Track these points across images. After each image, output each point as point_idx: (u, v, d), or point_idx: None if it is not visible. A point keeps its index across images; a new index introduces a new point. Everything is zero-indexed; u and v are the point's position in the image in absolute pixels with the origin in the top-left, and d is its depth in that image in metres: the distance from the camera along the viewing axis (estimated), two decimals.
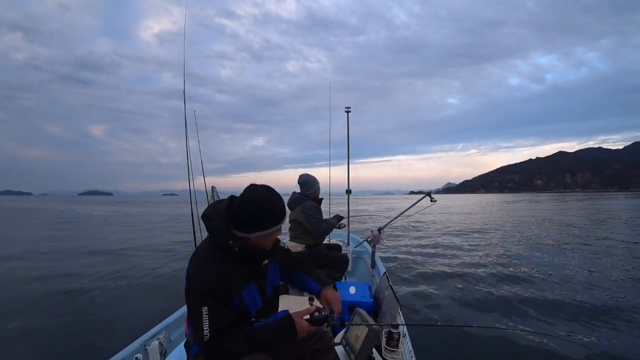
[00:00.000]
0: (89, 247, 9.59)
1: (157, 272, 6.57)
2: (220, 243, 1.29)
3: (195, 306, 1.21)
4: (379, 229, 3.76)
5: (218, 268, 1.26)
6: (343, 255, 3.49)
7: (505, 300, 4.61)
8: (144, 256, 8.25)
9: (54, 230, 14.86)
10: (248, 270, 1.36)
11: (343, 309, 2.58)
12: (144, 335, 1.99)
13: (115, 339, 3.31)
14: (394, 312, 2.18)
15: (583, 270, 6.19)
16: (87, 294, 5.18)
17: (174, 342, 2.12)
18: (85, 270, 6.65)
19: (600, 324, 3.75)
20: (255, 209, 1.27)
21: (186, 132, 3.17)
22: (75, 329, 3.88)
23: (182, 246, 9.49)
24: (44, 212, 30.22)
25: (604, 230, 12.14)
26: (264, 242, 1.34)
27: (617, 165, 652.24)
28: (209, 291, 1.21)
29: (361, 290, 2.77)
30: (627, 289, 5.03)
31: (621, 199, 57.14)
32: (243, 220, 1.28)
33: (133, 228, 16.02)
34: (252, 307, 1.35)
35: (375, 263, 3.72)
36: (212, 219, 1.32)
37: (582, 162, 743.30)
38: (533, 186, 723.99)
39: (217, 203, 1.40)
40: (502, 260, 7.15)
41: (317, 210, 3.32)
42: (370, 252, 3.85)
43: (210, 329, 1.18)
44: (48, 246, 9.86)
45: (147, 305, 4.66)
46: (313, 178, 3.41)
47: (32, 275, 6.28)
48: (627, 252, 7.97)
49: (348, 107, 4.05)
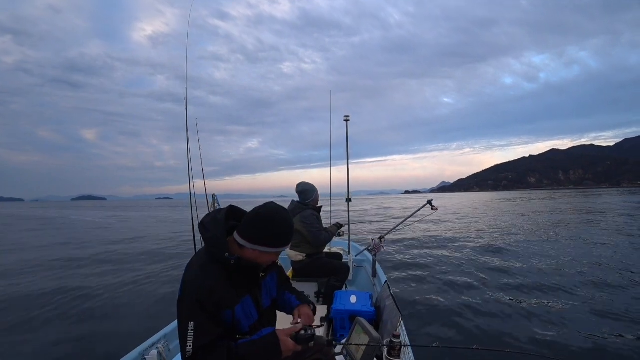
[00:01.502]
0: (87, 255, 9.48)
1: (156, 279, 6.54)
2: (215, 254, 1.26)
3: (183, 319, 1.19)
4: (380, 238, 3.77)
5: (212, 279, 1.24)
6: (344, 264, 3.49)
7: (509, 315, 4.38)
8: (143, 263, 8.20)
9: (52, 237, 14.68)
10: (243, 283, 1.34)
11: (344, 318, 2.60)
12: (143, 344, 1.98)
13: (114, 348, 3.30)
14: (395, 321, 2.17)
15: (598, 291, 5.37)
16: (85, 302, 5.15)
17: (172, 351, 2.11)
18: (83, 279, 6.59)
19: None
20: (266, 225, 1.26)
21: (187, 135, 3.13)
22: (73, 338, 3.86)
23: (181, 251, 9.46)
24: (42, 220, 29.49)
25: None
26: (260, 257, 1.31)
27: (609, 162, 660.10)
28: (199, 302, 1.18)
29: (362, 299, 2.77)
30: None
31: (614, 195, 57.68)
32: (250, 229, 1.27)
33: (131, 232, 15.91)
34: (244, 322, 1.32)
35: (376, 272, 3.69)
36: (209, 229, 1.29)
37: (574, 160, 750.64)
38: (527, 184, 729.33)
39: (216, 213, 1.37)
40: (505, 269, 6.87)
41: (317, 219, 3.33)
42: (371, 260, 3.83)
43: (194, 345, 1.15)
44: (47, 255, 9.73)
45: (146, 314, 4.64)
46: (311, 186, 3.41)
47: (30, 285, 6.22)
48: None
49: (347, 116, 4.05)
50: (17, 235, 16.04)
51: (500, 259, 7.91)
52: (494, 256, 8.21)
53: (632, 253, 8.00)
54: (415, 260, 8.01)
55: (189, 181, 3.25)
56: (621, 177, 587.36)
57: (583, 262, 7.15)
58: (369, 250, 3.97)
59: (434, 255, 8.58)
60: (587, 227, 13.39)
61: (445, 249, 9.48)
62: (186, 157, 3.13)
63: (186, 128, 3.15)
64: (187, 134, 3.14)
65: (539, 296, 5.10)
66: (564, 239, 10.47)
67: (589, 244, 9.42)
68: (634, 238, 10.07)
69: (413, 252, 8.96)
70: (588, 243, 9.52)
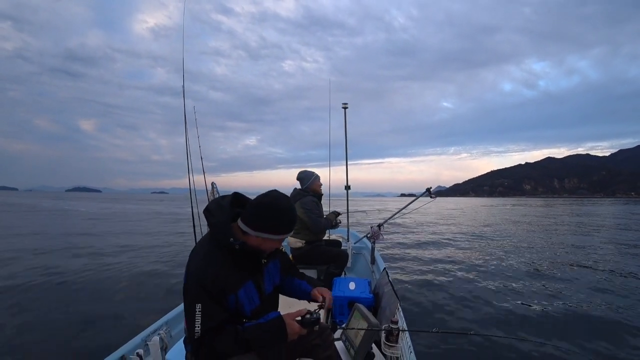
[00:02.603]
0: (89, 245, 9.43)
1: (158, 267, 6.54)
2: (221, 240, 1.28)
3: (190, 302, 1.21)
4: (379, 225, 3.79)
5: (216, 265, 1.26)
6: (343, 251, 3.49)
7: (506, 304, 4.52)
8: (145, 252, 8.19)
9: (54, 227, 14.57)
10: (246, 269, 1.36)
11: (342, 304, 2.59)
12: (145, 331, 1.99)
13: (117, 334, 3.30)
14: (393, 307, 2.20)
15: (589, 282, 5.63)
16: (88, 290, 5.14)
17: (174, 337, 2.13)
18: (85, 267, 6.56)
19: (610, 336, 3.59)
20: (270, 213, 1.28)
21: (186, 129, 3.10)
22: (76, 325, 3.85)
23: (182, 241, 9.44)
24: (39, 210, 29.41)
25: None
26: (263, 244, 1.33)
27: (604, 172, 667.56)
28: (205, 287, 1.20)
29: (361, 286, 2.79)
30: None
31: (606, 204, 58.39)
32: (253, 217, 1.29)
33: (130, 225, 15.84)
34: (247, 307, 1.34)
35: (375, 259, 3.73)
36: (214, 215, 1.31)
37: (570, 168, 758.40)
38: (522, 191, 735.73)
39: (221, 199, 1.40)
40: (505, 264, 7.03)
41: (317, 206, 3.35)
42: (370, 248, 3.88)
43: (202, 327, 1.18)
44: (49, 244, 9.65)
45: (149, 301, 4.65)
46: (310, 172, 3.46)
47: (35, 272, 6.17)
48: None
49: (345, 104, 4.08)
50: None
51: (498, 249, 8.09)
52: (492, 247, 8.38)
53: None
54: (413, 248, 8.20)
55: (188, 170, 3.20)
56: (615, 187, 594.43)
57: (576, 254, 7.43)
58: (368, 237, 4.02)
59: (432, 244, 8.77)
60: (580, 231, 13.60)
61: (443, 238, 9.69)
62: (183, 150, 3.09)
63: (184, 115, 3.10)
64: (185, 128, 3.10)
65: (535, 284, 5.33)
66: (560, 235, 10.69)
67: (584, 243, 9.63)
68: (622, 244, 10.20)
69: (411, 241, 9.13)
70: (583, 243, 9.71)
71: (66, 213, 24.28)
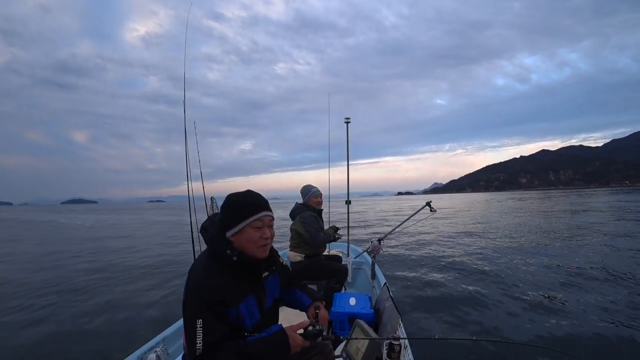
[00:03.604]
0: (84, 260, 9.32)
1: (154, 283, 6.44)
2: (218, 253, 1.31)
3: (190, 317, 1.20)
4: (379, 240, 3.77)
5: (216, 279, 1.26)
6: (342, 266, 3.47)
7: (511, 311, 4.39)
8: (141, 267, 8.08)
9: (49, 244, 14.40)
10: (247, 283, 1.36)
11: (343, 320, 2.59)
12: (142, 348, 1.95)
13: (112, 352, 3.23)
14: (394, 323, 2.17)
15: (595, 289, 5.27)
16: (83, 306, 5.07)
17: (171, 355, 2.09)
18: (81, 282, 6.49)
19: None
20: (233, 202, 1.36)
21: (185, 138, 3.02)
22: (71, 342, 3.79)
23: (180, 256, 9.36)
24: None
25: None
26: (250, 240, 1.32)
27: (598, 163, 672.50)
28: (205, 301, 1.20)
29: (361, 302, 2.76)
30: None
31: (601, 195, 58.51)
32: (226, 216, 1.35)
33: (128, 238, 15.69)
34: (248, 321, 1.33)
35: (376, 274, 3.68)
36: (209, 231, 1.37)
37: (564, 160, 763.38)
38: (518, 184, 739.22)
39: (214, 215, 1.45)
40: (506, 272, 6.69)
41: (316, 220, 3.34)
42: (370, 262, 3.83)
43: (203, 343, 1.16)
44: (46, 259, 9.57)
45: (145, 317, 4.57)
46: (309, 187, 3.47)
47: (29, 289, 6.11)
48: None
49: (347, 118, 4.07)
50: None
51: (497, 256, 8.00)
52: (491, 254, 8.29)
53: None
54: (414, 260, 8.02)
55: (187, 185, 3.17)
56: (610, 177, 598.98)
57: (582, 260, 7.23)
58: (368, 252, 3.97)
59: (432, 255, 8.62)
60: (580, 227, 13.62)
61: (444, 247, 9.56)
62: (180, 159, 3.06)
63: (184, 130, 3.08)
64: (185, 136, 3.05)
65: (538, 290, 5.16)
66: (560, 237, 10.63)
67: (585, 243, 9.53)
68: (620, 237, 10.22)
69: (412, 253, 9.00)
70: (584, 242, 9.62)
71: (62, 226, 24.03)
